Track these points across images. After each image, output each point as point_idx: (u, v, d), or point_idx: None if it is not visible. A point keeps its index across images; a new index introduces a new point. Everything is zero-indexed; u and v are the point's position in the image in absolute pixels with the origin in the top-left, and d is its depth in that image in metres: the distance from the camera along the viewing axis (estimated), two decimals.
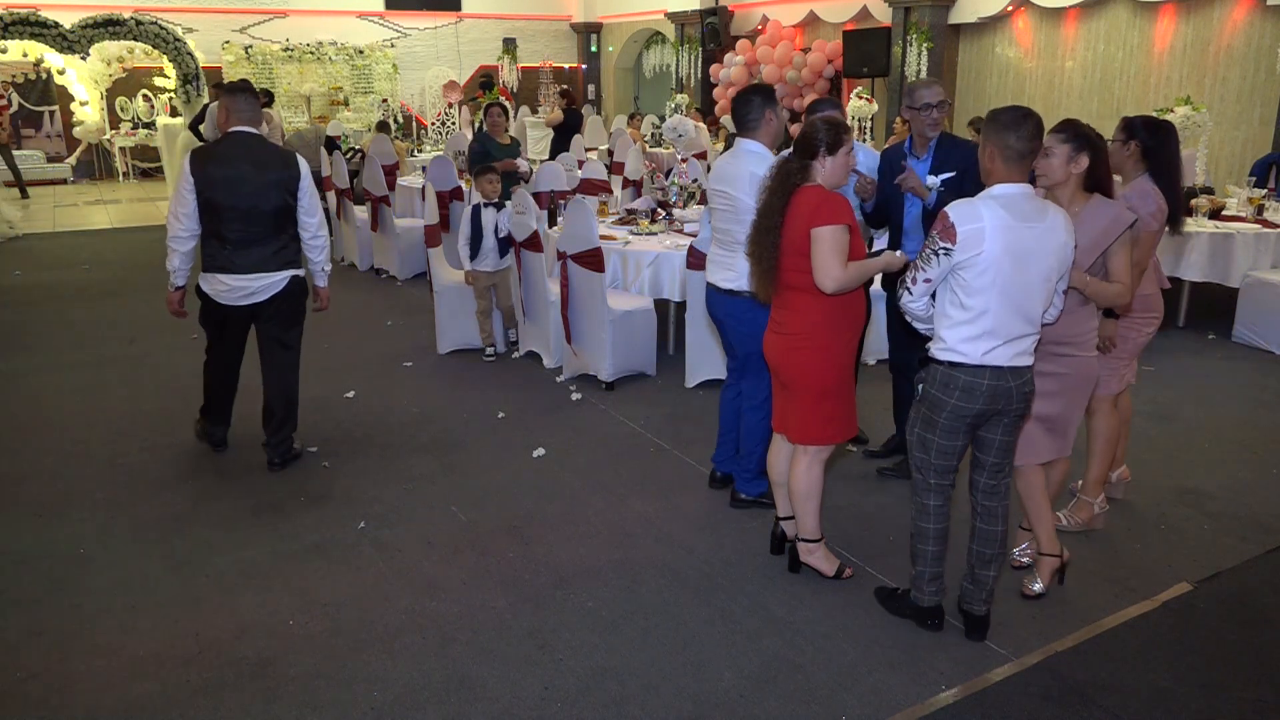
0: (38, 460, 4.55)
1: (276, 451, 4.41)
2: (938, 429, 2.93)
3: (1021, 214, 2.74)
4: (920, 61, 11.94)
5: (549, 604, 3.31)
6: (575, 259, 5.32)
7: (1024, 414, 2.95)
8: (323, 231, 4.33)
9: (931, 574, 3.09)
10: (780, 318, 3.30)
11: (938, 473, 3.00)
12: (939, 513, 3.04)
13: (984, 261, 2.72)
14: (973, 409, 2.86)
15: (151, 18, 13.53)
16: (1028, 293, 2.77)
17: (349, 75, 16.59)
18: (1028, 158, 2.78)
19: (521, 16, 18.62)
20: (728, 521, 3.91)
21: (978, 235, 2.71)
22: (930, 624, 3.14)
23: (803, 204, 3.12)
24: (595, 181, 8.22)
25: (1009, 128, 2.75)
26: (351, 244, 8.94)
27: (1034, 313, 2.81)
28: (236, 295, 4.17)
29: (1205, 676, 2.91)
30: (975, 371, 2.82)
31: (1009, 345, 2.81)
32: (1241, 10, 9.21)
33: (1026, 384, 2.88)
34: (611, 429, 4.92)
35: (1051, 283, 2.81)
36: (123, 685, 2.88)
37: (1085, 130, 3.08)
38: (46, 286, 8.27)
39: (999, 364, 2.81)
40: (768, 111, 3.66)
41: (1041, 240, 2.75)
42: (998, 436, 2.96)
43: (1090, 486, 3.78)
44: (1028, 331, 2.83)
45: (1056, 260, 2.78)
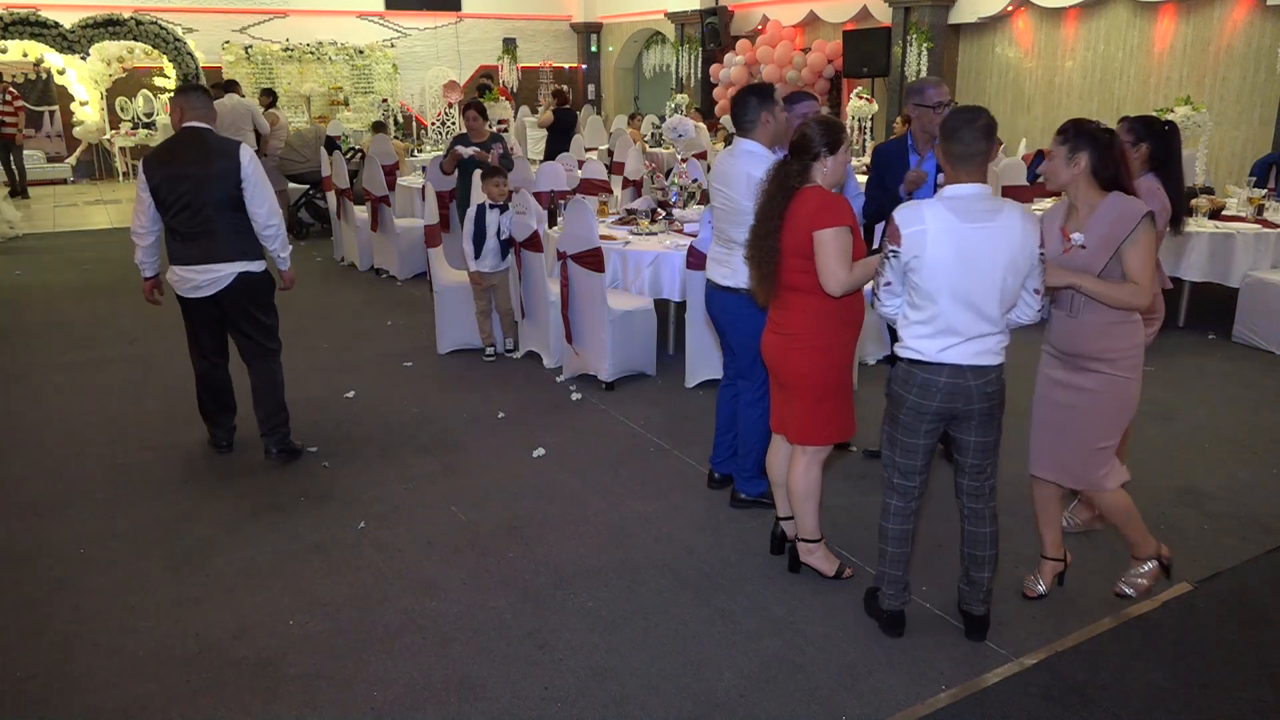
0: (38, 460, 4.55)
1: (271, 441, 4.44)
2: (899, 426, 2.97)
3: (968, 214, 2.75)
4: (920, 61, 11.94)
5: (549, 604, 3.31)
6: (575, 259, 5.32)
7: (992, 414, 2.91)
8: (273, 220, 4.25)
9: (891, 576, 3.09)
10: (780, 318, 3.28)
11: (901, 472, 3.02)
12: (899, 513, 3.05)
13: (929, 263, 2.75)
14: (931, 406, 2.87)
15: (151, 18, 13.54)
16: (981, 292, 2.75)
17: (349, 75, 16.59)
18: (976, 159, 2.78)
19: (521, 16, 18.63)
20: (728, 521, 3.91)
21: (920, 237, 2.75)
22: (890, 630, 3.11)
23: (803, 206, 3.11)
24: (595, 181, 8.22)
25: (955, 131, 2.78)
26: (351, 244, 8.94)
27: (990, 312, 2.78)
28: (187, 287, 4.24)
29: (1205, 676, 2.91)
30: (932, 369, 2.84)
31: (968, 343, 2.82)
32: (1241, 10, 9.21)
33: (990, 384, 2.86)
34: (611, 429, 4.92)
35: (1007, 282, 2.76)
36: (123, 685, 2.88)
37: (1088, 128, 3.00)
38: (46, 286, 8.27)
39: (957, 362, 2.82)
40: (764, 113, 3.62)
41: (992, 239, 2.73)
42: (971, 438, 2.95)
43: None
44: (987, 330, 2.81)
45: (1009, 259, 2.73)
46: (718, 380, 5.44)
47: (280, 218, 4.31)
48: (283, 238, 4.35)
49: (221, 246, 4.17)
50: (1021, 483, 4.25)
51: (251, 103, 10.57)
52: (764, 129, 3.64)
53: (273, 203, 4.27)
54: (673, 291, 5.65)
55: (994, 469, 3.04)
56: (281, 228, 4.33)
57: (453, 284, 6.08)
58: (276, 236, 4.31)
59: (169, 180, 4.10)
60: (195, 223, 4.13)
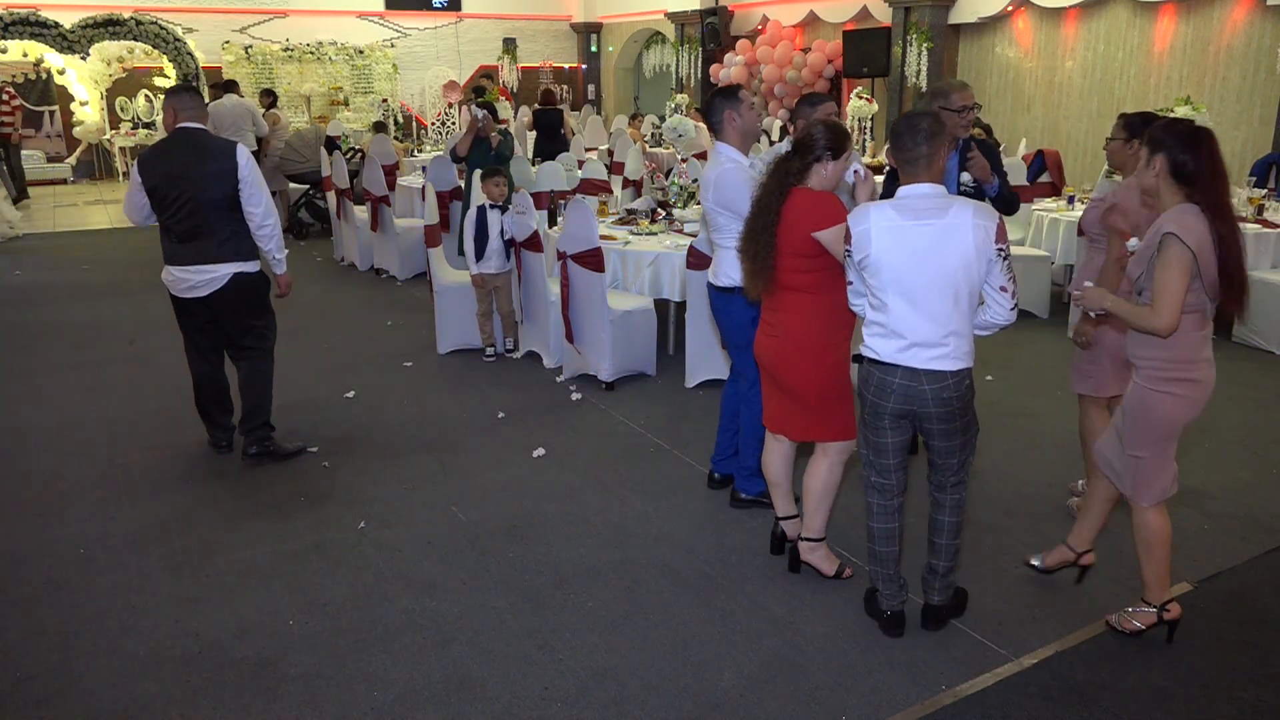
0: (38, 460, 4.55)
1: (249, 440, 4.43)
2: (866, 424, 3.04)
3: (915, 213, 2.77)
4: (920, 61, 11.94)
5: (549, 604, 3.31)
6: (575, 259, 5.32)
7: (950, 419, 2.88)
8: (269, 220, 4.25)
9: (884, 575, 3.12)
10: (775, 320, 3.27)
11: (876, 470, 3.06)
12: (881, 511, 3.08)
13: (874, 261, 2.81)
14: (886, 406, 2.91)
15: (151, 18, 13.54)
16: (931, 293, 2.76)
17: (349, 75, 16.58)
18: (920, 161, 2.80)
19: (521, 16, 18.62)
20: (728, 521, 3.91)
21: (865, 235, 2.82)
22: (890, 630, 3.12)
23: (799, 206, 3.12)
24: (595, 181, 8.22)
25: (897, 137, 2.84)
26: (351, 244, 8.94)
27: (942, 314, 2.77)
28: (182, 287, 4.24)
29: (1205, 676, 2.91)
30: (887, 369, 2.88)
31: (921, 348, 2.81)
32: (1241, 10, 9.21)
33: (946, 389, 2.82)
34: (611, 429, 4.92)
35: (958, 282, 2.74)
36: (123, 685, 2.88)
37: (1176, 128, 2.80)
38: (46, 286, 8.27)
39: (912, 365, 2.83)
40: (727, 111, 3.67)
41: (940, 238, 2.74)
42: (934, 441, 2.97)
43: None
44: (941, 334, 2.78)
45: (959, 258, 2.73)
46: (718, 380, 5.45)
47: (276, 218, 4.31)
48: (278, 239, 4.33)
49: (217, 247, 4.17)
50: (1021, 485, 4.26)
51: (251, 103, 10.56)
52: (730, 128, 3.69)
53: (269, 203, 4.26)
54: (673, 291, 5.65)
55: (961, 468, 3.02)
56: (277, 228, 4.32)
57: (453, 284, 6.08)
58: (272, 237, 4.29)
59: (166, 180, 4.10)
60: (192, 223, 4.13)
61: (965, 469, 3.04)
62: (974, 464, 3.16)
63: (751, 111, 3.72)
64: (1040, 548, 3.67)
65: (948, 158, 4.01)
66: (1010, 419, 4.76)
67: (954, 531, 3.08)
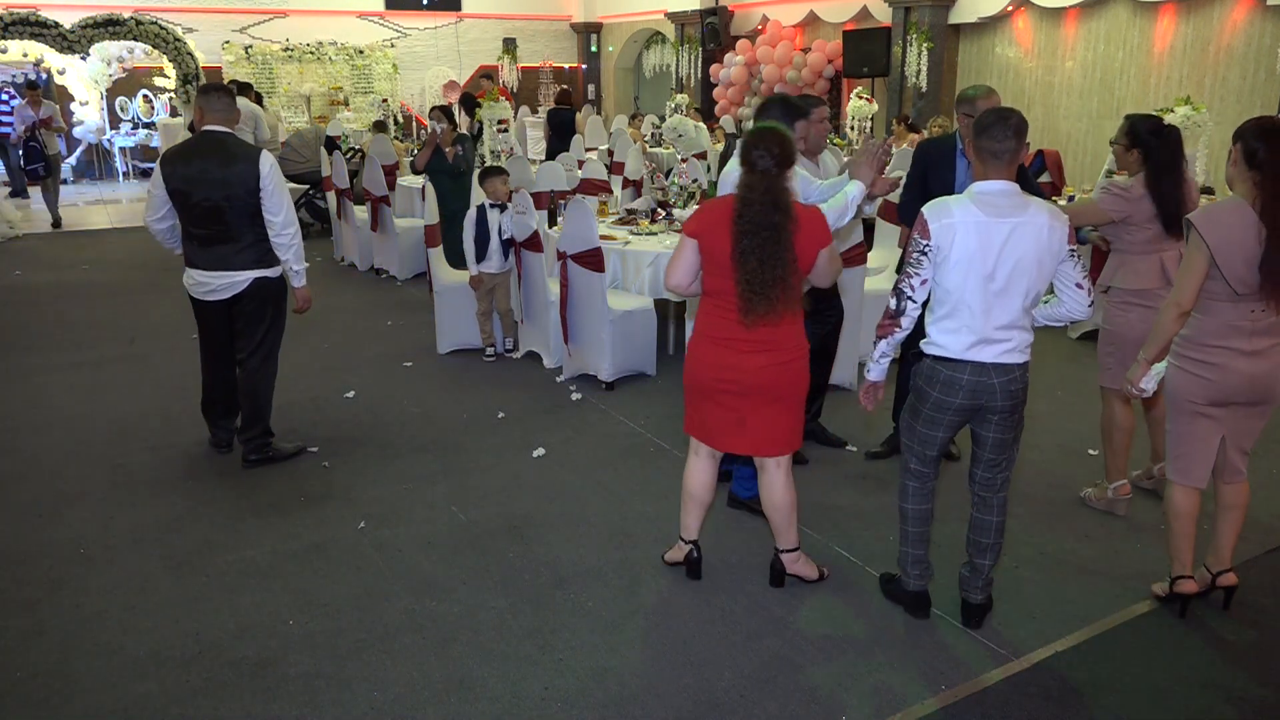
0: (38, 460, 4.55)
1: (248, 448, 4.42)
2: (920, 418, 3.05)
3: (996, 210, 2.80)
4: (920, 61, 11.94)
5: (549, 604, 3.31)
6: (575, 259, 5.32)
7: (1014, 410, 2.94)
8: (288, 230, 4.20)
9: (913, 556, 3.18)
10: (769, 337, 3.05)
11: (919, 460, 3.11)
12: (917, 495, 3.14)
13: (955, 258, 2.81)
14: (953, 403, 2.93)
15: (151, 18, 13.52)
16: (1005, 289, 2.80)
17: (349, 75, 16.58)
18: (1006, 156, 2.82)
19: (521, 16, 18.62)
20: (728, 521, 3.91)
21: (948, 231, 2.81)
22: (916, 611, 3.20)
23: (808, 223, 3.00)
24: (595, 181, 8.22)
25: (988, 128, 2.83)
26: (351, 244, 8.94)
27: (1013, 309, 2.82)
28: (202, 291, 4.24)
29: (1205, 676, 2.91)
30: (956, 366, 2.89)
31: (992, 343, 2.85)
32: (1241, 10, 9.21)
33: (1014, 381, 2.89)
34: (611, 429, 4.92)
35: (1032, 279, 2.80)
36: (123, 685, 2.88)
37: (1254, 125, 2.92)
38: (46, 286, 8.27)
39: (981, 360, 2.86)
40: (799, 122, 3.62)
41: (1017, 234, 2.78)
42: (990, 434, 2.99)
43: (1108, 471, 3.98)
44: (1011, 328, 2.84)
45: (1035, 256, 2.78)
46: None
47: (297, 228, 4.26)
48: (297, 249, 4.27)
49: (239, 254, 4.17)
50: (1021, 485, 4.26)
51: (256, 108, 10.49)
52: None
53: (290, 213, 4.21)
54: None
55: (1009, 463, 3.07)
56: (297, 238, 4.26)
57: (453, 284, 6.08)
58: (290, 246, 4.24)
59: (190, 183, 4.07)
60: (214, 228, 4.12)
61: (1012, 465, 3.09)
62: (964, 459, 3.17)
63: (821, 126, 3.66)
64: (1040, 549, 3.68)
65: None
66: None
67: (1000, 530, 3.12)
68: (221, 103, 4.17)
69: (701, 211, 3.12)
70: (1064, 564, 3.56)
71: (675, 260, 3.09)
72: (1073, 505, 4.04)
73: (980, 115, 2.92)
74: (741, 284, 2.96)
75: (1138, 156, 3.69)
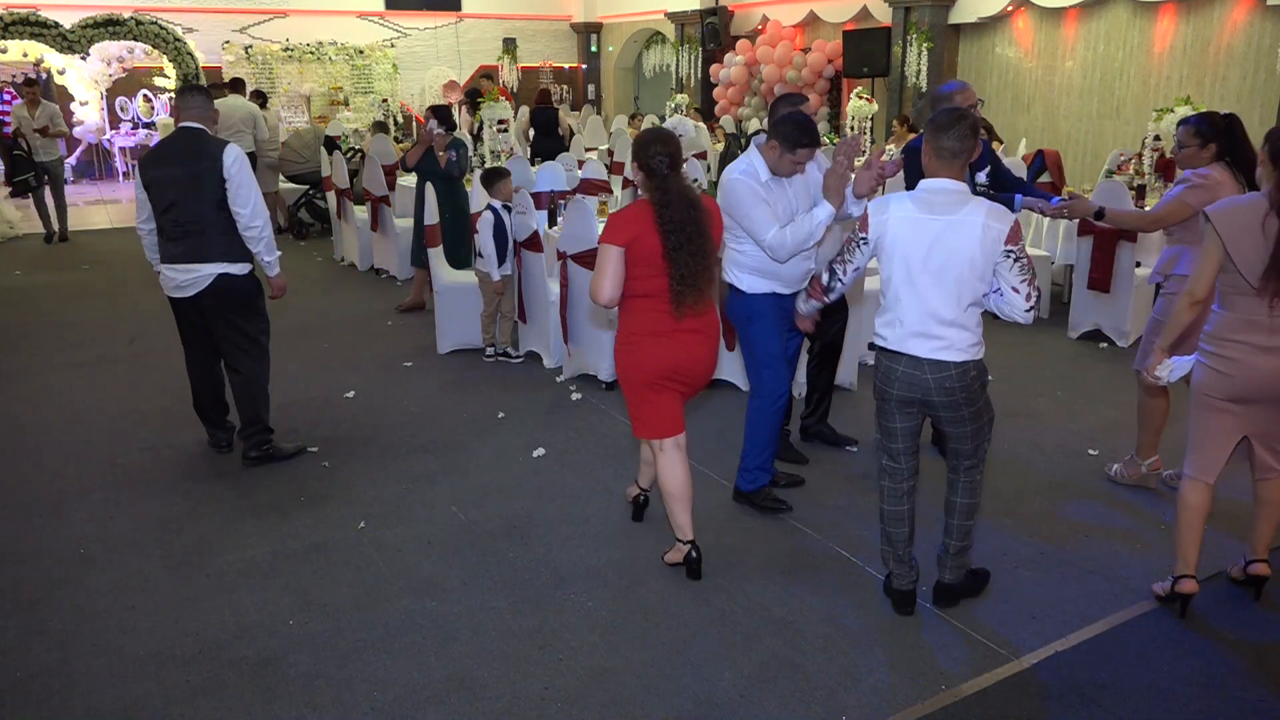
0: (38, 460, 4.55)
1: (247, 445, 4.43)
2: (877, 409, 3.17)
3: (931, 207, 2.89)
4: (920, 61, 11.94)
5: (549, 604, 3.31)
6: (575, 259, 5.32)
7: (955, 408, 2.98)
8: (256, 222, 4.18)
9: (893, 555, 3.23)
10: (701, 324, 3.25)
11: (888, 454, 3.18)
12: (891, 494, 3.19)
13: (888, 250, 2.95)
14: (891, 392, 3.04)
15: (151, 18, 13.53)
16: (938, 285, 2.87)
17: (349, 75, 16.58)
18: (961, 156, 2.91)
19: (521, 16, 18.62)
20: (728, 521, 3.91)
21: (882, 225, 2.95)
22: (899, 608, 3.24)
23: (715, 213, 3.35)
24: (595, 181, 8.22)
25: (946, 129, 2.90)
26: (351, 244, 8.94)
27: (947, 306, 2.88)
28: (170, 286, 4.26)
29: (1205, 676, 2.91)
30: (892, 357, 3.01)
31: (924, 338, 2.93)
32: (1241, 10, 9.21)
33: (949, 379, 2.93)
34: (611, 429, 4.92)
35: (964, 278, 2.85)
36: (123, 685, 2.88)
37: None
38: (46, 286, 8.27)
39: (915, 354, 2.95)
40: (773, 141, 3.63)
41: (950, 233, 2.85)
42: (943, 428, 3.13)
43: (1140, 448, 4.15)
44: (944, 325, 2.89)
45: (968, 255, 2.84)
46: (718, 380, 5.45)
47: (265, 219, 4.24)
48: (268, 240, 4.26)
49: (204, 247, 4.16)
50: (1022, 485, 4.26)
51: (255, 108, 10.46)
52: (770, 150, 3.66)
53: (258, 204, 4.19)
54: None
55: (972, 454, 3.12)
56: (266, 230, 4.24)
57: (453, 284, 6.08)
58: (260, 239, 4.23)
59: (158, 180, 4.13)
60: (181, 222, 4.14)
61: (979, 455, 3.14)
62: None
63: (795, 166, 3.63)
64: (1040, 548, 3.68)
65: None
66: (1010, 419, 4.76)
67: (966, 513, 3.17)
68: (195, 100, 4.23)
69: (620, 221, 3.17)
70: (1064, 564, 3.56)
71: (604, 274, 3.13)
72: (1073, 505, 4.04)
73: (939, 114, 2.97)
74: (675, 279, 3.13)
75: (1214, 150, 3.80)
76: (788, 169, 3.61)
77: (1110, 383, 5.60)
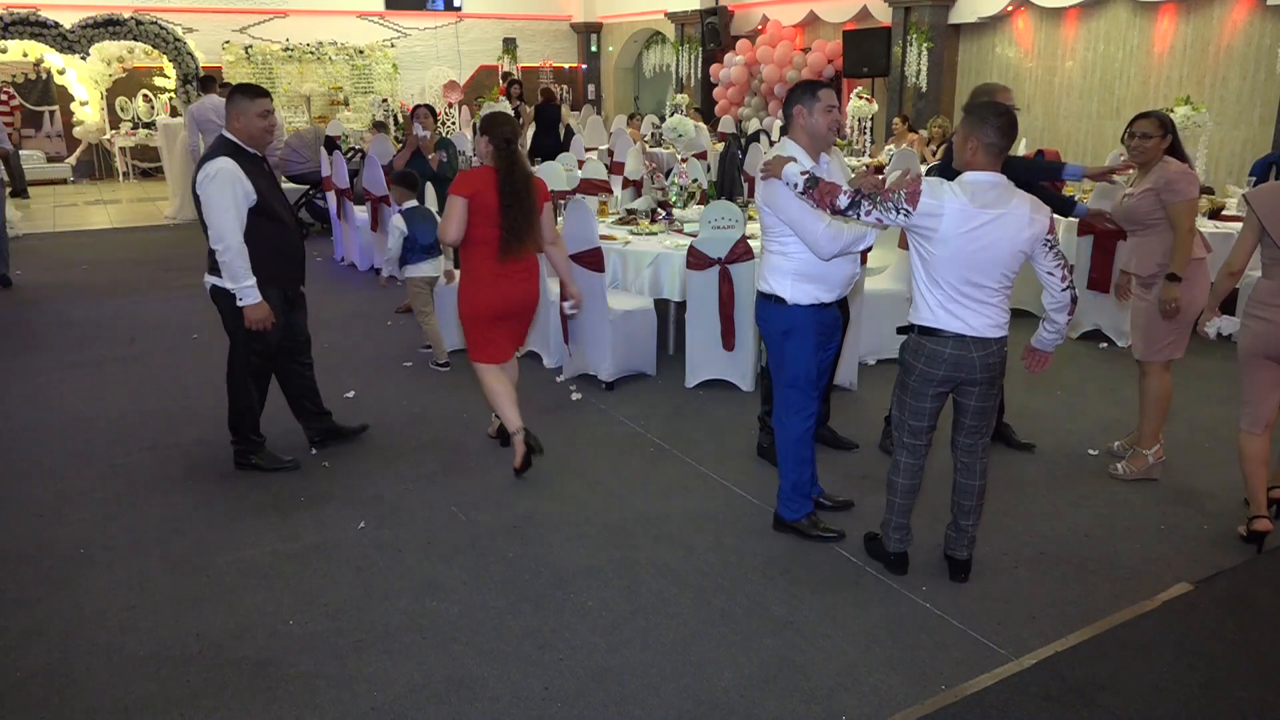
0: (38, 460, 4.55)
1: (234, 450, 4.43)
2: (908, 390, 3.27)
3: (981, 200, 3.00)
4: (920, 61, 11.94)
5: (549, 604, 3.31)
6: (575, 259, 5.32)
7: (993, 382, 3.18)
8: (218, 244, 3.92)
9: (896, 523, 3.42)
10: (524, 268, 4.12)
11: (910, 432, 3.31)
12: (908, 469, 3.36)
13: (941, 239, 3.02)
14: (937, 374, 3.17)
15: (151, 18, 13.53)
16: (985, 272, 3.03)
17: (349, 75, 16.59)
18: (1002, 150, 3.05)
19: (521, 16, 18.63)
20: (728, 521, 3.91)
21: (935, 212, 2.99)
22: (895, 568, 3.46)
23: (541, 186, 4.15)
24: (595, 181, 8.22)
25: (981, 123, 3.03)
26: (351, 244, 8.94)
27: (991, 290, 3.07)
28: None
29: (1205, 676, 2.91)
30: (939, 340, 3.13)
31: (972, 317, 3.08)
32: (1241, 10, 9.21)
33: (992, 355, 3.13)
34: (611, 429, 4.92)
35: (1009, 265, 3.04)
36: (123, 685, 2.88)
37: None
38: (46, 286, 8.27)
39: (961, 333, 3.10)
40: (798, 106, 3.46)
41: (999, 225, 2.99)
42: (972, 403, 3.24)
43: (1144, 439, 4.26)
44: (988, 305, 3.08)
45: (1012, 246, 3.01)
46: (718, 380, 5.46)
47: (228, 245, 3.92)
48: (230, 266, 3.95)
49: (208, 256, 4.11)
50: (1022, 485, 4.26)
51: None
52: (798, 123, 3.47)
53: (222, 229, 3.91)
54: (673, 291, 5.64)
55: (989, 429, 3.33)
56: (229, 254, 3.93)
57: (452, 284, 6.08)
58: (221, 264, 3.96)
59: None
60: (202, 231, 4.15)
61: (990, 431, 3.35)
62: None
63: (828, 115, 3.48)
64: (1040, 549, 3.68)
65: None
66: (1010, 419, 4.76)
67: (981, 493, 3.37)
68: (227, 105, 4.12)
69: (467, 179, 4.04)
70: (1064, 564, 3.56)
71: (450, 219, 3.99)
72: (1073, 505, 4.05)
73: (980, 108, 3.08)
74: (505, 230, 3.99)
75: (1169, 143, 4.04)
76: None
77: (1110, 383, 5.60)
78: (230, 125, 4.08)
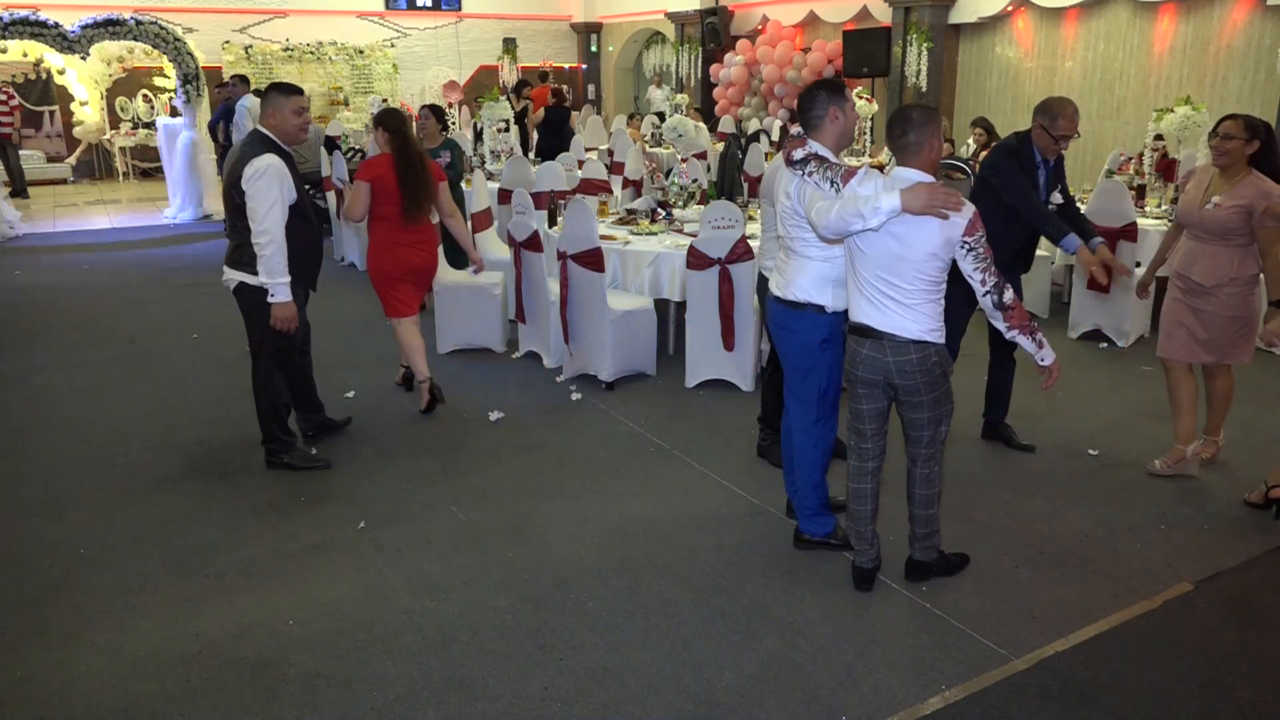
0: (38, 460, 4.55)
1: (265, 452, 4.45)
2: (849, 390, 3.28)
3: None
4: (920, 61, 11.94)
5: (549, 604, 3.31)
6: (575, 259, 5.32)
7: (914, 392, 3.09)
8: (259, 239, 3.98)
9: (854, 531, 3.37)
10: (422, 237, 4.91)
11: (855, 434, 3.30)
12: (856, 473, 3.32)
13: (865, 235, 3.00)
14: (857, 373, 3.16)
15: (151, 18, 13.52)
16: (898, 270, 2.98)
17: (349, 75, 16.58)
18: (908, 149, 3.02)
19: (521, 16, 18.62)
20: (728, 521, 3.91)
21: None
22: (857, 584, 3.37)
23: (435, 168, 4.98)
24: (595, 181, 8.21)
25: (888, 126, 3.10)
26: (351, 244, 8.94)
27: (911, 289, 2.99)
28: None
29: (1205, 676, 2.91)
30: (858, 340, 3.13)
31: (888, 316, 3.02)
32: (1241, 10, 9.21)
33: (908, 363, 3.04)
34: (611, 429, 4.92)
35: (930, 265, 2.97)
36: (123, 685, 2.88)
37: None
38: (46, 286, 8.27)
39: (878, 333, 3.06)
40: (832, 108, 3.31)
41: (916, 224, 2.93)
42: (905, 413, 3.20)
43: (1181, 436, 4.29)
44: (903, 307, 3.00)
45: (929, 243, 2.94)
46: (718, 380, 5.46)
47: (270, 238, 3.99)
48: (267, 260, 4.02)
49: (232, 252, 4.17)
50: (1021, 485, 4.26)
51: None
52: (831, 126, 3.33)
53: (268, 223, 3.97)
54: (673, 291, 5.65)
55: (929, 443, 3.21)
56: (269, 249, 4.00)
57: (453, 284, 6.08)
58: (260, 256, 4.02)
59: None
60: (227, 225, 4.20)
61: (934, 445, 3.22)
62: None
63: (855, 113, 3.45)
64: (1040, 549, 3.69)
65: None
66: (1010, 419, 4.76)
67: (924, 502, 3.31)
68: (263, 104, 4.18)
69: (369, 166, 4.80)
70: (1064, 564, 3.56)
71: (356, 202, 4.76)
72: (1073, 505, 4.04)
73: (894, 114, 3.11)
74: (406, 199, 4.75)
75: (1256, 148, 3.91)
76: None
77: (1110, 383, 5.60)
78: (265, 121, 4.14)
